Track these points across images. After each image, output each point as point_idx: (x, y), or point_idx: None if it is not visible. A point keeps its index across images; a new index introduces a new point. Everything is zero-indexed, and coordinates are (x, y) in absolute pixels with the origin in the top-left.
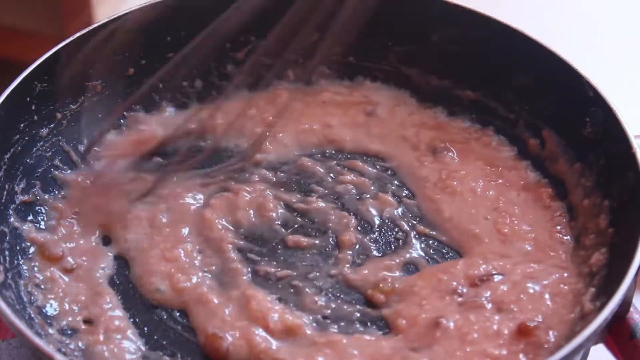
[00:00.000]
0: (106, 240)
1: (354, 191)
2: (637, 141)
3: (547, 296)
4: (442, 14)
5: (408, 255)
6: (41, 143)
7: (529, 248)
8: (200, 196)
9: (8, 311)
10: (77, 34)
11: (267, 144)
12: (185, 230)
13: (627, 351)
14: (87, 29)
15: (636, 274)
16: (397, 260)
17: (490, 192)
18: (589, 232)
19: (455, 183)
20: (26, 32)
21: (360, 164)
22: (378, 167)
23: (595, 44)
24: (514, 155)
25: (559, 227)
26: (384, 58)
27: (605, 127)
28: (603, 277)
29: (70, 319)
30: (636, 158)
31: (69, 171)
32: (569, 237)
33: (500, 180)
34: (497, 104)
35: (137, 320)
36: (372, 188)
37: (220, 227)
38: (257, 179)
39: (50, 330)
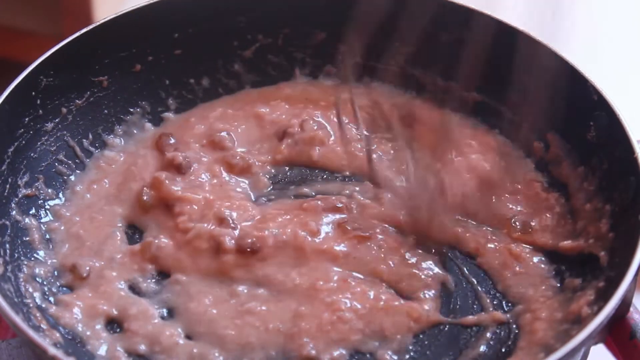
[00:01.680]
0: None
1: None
2: None
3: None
4: (449, 15)
5: None
6: (46, 137)
7: None
8: None
9: (4, 304)
10: (84, 30)
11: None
12: None
13: (627, 351)
14: (93, 25)
15: (635, 277)
16: None
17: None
18: (590, 236)
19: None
20: (26, 32)
21: None
22: None
23: (600, 48)
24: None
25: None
26: (391, 59)
27: (609, 131)
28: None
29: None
30: (638, 163)
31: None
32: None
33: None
34: (502, 106)
35: None
36: None
37: None
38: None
39: (48, 325)
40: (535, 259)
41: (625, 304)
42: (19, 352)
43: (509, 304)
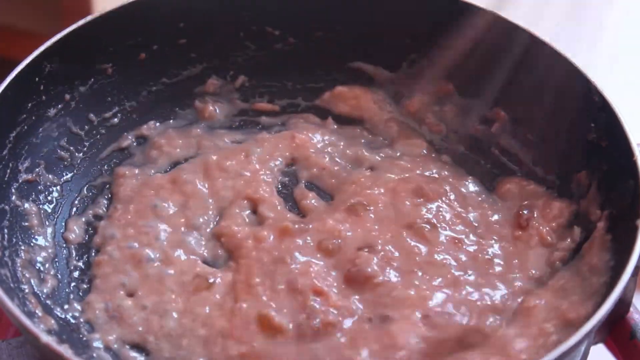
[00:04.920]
0: None
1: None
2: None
3: None
4: (448, 12)
5: None
6: (48, 123)
7: None
8: None
9: None
10: (90, 18)
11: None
12: None
13: (627, 351)
14: (99, 13)
15: (636, 276)
16: None
17: None
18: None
19: None
20: (26, 32)
21: None
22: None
23: (603, 49)
24: None
25: None
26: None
27: (609, 133)
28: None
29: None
30: (637, 166)
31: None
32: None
33: None
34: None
35: None
36: None
37: None
38: None
39: (44, 312)
40: None
41: (625, 304)
42: (19, 352)
43: None
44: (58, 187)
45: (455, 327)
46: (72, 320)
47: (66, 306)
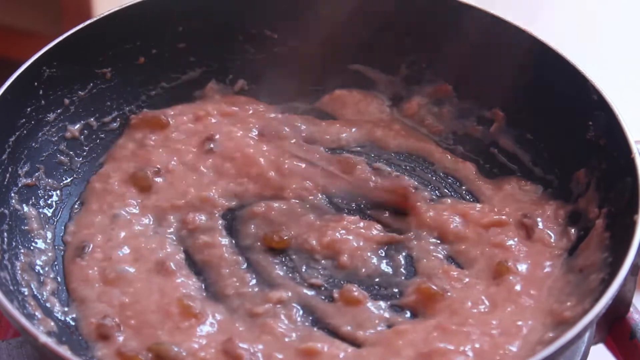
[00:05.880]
0: None
1: None
2: (638, 146)
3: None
4: (446, 13)
5: None
6: (47, 128)
7: None
8: None
9: None
10: (88, 22)
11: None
12: None
13: (627, 351)
14: (97, 17)
15: (636, 276)
16: None
17: None
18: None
19: None
20: (26, 32)
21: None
22: None
23: (600, 48)
24: None
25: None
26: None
27: (607, 132)
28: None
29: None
30: (635, 163)
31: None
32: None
33: None
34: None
35: None
36: None
37: None
38: None
39: (43, 314)
40: None
41: (625, 304)
42: (19, 352)
43: None
44: (58, 192)
45: None
46: (72, 323)
47: (66, 309)
